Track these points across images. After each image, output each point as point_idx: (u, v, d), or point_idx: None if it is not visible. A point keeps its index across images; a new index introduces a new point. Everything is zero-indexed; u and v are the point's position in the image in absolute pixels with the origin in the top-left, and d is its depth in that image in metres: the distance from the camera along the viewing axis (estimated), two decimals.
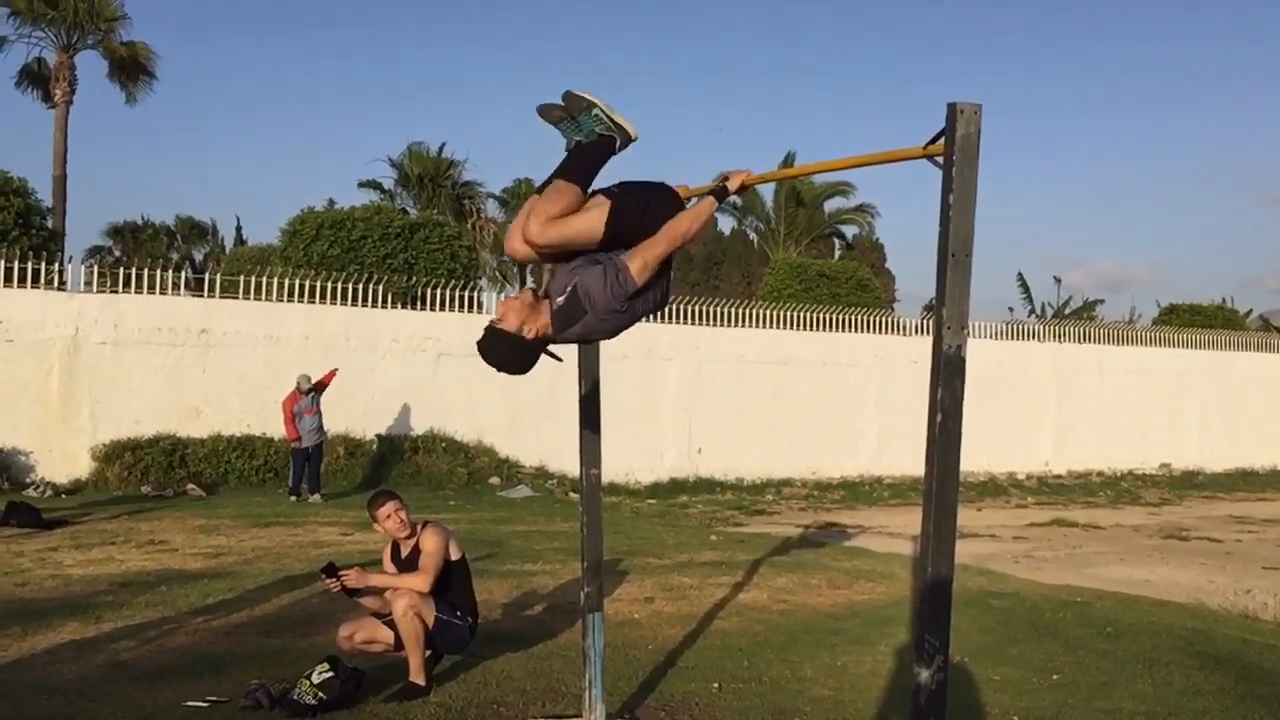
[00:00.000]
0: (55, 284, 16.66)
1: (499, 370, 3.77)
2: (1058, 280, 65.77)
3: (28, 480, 15.26)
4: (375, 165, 60.67)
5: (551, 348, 3.79)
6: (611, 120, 3.76)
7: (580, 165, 3.75)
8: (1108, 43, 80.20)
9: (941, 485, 3.01)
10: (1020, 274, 35.42)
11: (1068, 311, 35.57)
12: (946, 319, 3.01)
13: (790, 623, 7.79)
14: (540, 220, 3.58)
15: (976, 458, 20.92)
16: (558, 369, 4.04)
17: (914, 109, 77.62)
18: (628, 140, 3.79)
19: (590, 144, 3.77)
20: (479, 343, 3.75)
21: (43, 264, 16.33)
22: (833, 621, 7.88)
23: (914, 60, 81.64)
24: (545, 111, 3.82)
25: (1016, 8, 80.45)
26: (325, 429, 15.61)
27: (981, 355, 16.73)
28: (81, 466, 15.81)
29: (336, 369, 15.82)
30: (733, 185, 3.80)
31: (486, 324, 3.76)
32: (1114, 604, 8.83)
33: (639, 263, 3.59)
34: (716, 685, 6.08)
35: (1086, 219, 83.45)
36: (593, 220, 3.60)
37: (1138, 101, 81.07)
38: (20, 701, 5.44)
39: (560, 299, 3.63)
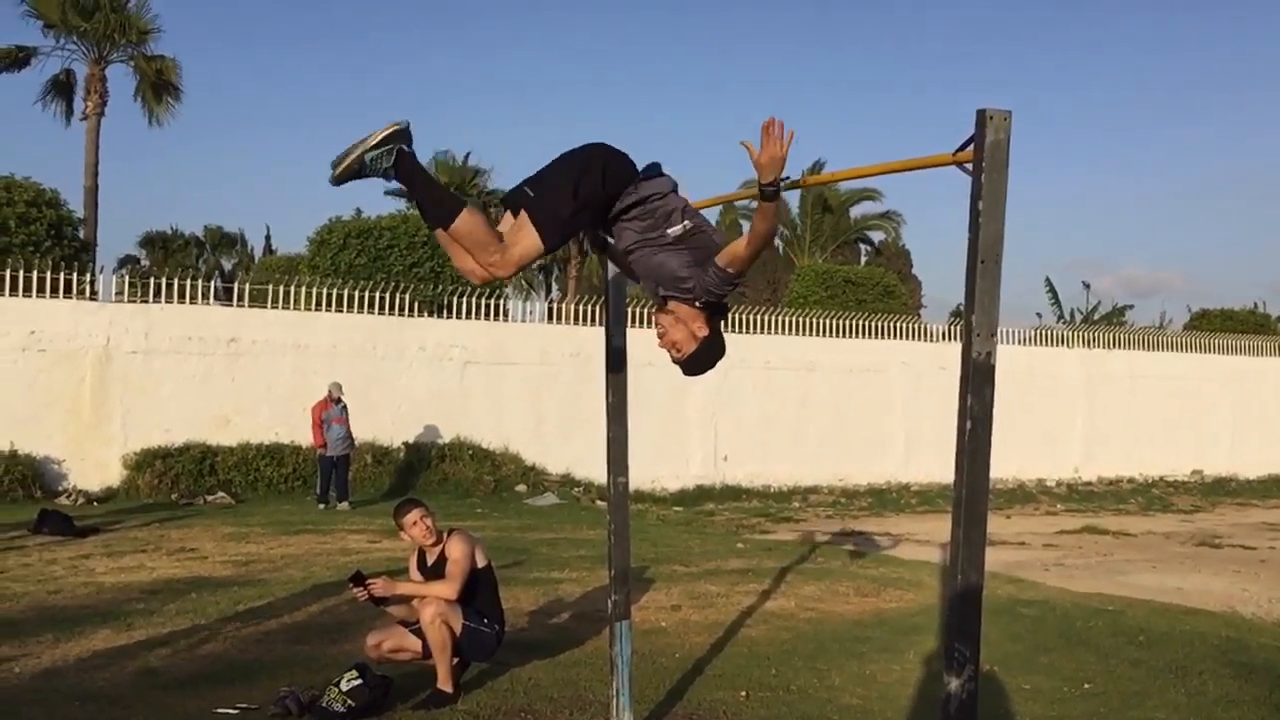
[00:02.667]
0: (87, 294, 16.87)
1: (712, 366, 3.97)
2: (1086, 285, 65.12)
3: (60, 488, 15.44)
4: None
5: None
6: (381, 144, 3.59)
7: (434, 192, 3.73)
8: (1136, 48, 79.65)
9: (971, 493, 2.99)
10: (1048, 279, 35.10)
11: (1097, 317, 35.28)
12: (976, 325, 3.00)
13: (818, 631, 7.76)
14: (498, 258, 3.67)
15: (1005, 465, 20.79)
16: (581, 376, 4.06)
17: (942, 116, 77.35)
18: (402, 135, 3.62)
19: (403, 169, 3.65)
20: (688, 374, 3.99)
21: (75, 274, 16.53)
22: (861, 629, 7.84)
23: (942, 67, 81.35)
24: (342, 180, 3.66)
25: (1045, 14, 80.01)
26: (354, 437, 15.70)
27: (1010, 361, 16.61)
28: (113, 474, 15.97)
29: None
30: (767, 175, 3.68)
31: (675, 363, 3.92)
32: (1146, 612, 8.74)
33: (729, 259, 3.68)
34: (744, 693, 6.07)
35: (1115, 224, 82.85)
36: (531, 242, 3.66)
37: (1166, 106, 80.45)
38: (53, 708, 5.49)
39: (700, 303, 3.78)
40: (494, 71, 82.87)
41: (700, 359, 3.90)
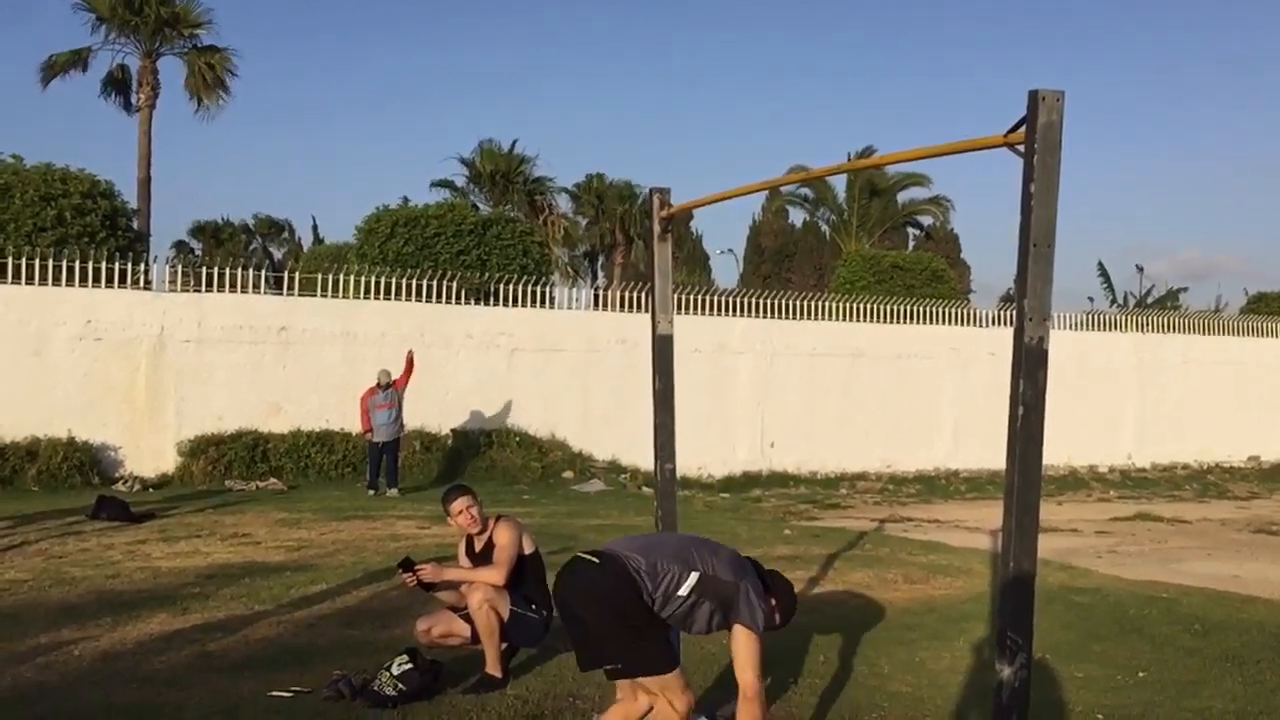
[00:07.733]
0: (141, 284, 17.12)
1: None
2: (1140, 269, 64.12)
3: (116, 475, 15.73)
4: (447, 164, 61.34)
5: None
6: None
7: None
8: (1190, 26, 78.19)
9: (1023, 479, 2.96)
10: (1101, 263, 34.50)
11: (1150, 301, 34.73)
12: (1028, 310, 2.96)
13: (867, 617, 7.71)
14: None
15: (1057, 450, 20.54)
16: (628, 363, 4.10)
17: (991, 101, 76.50)
18: None
19: None
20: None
21: (129, 265, 16.78)
22: (910, 617, 7.78)
23: (993, 48, 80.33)
24: None
25: None
26: (404, 423, 15.81)
27: (1062, 346, 16.32)
28: (167, 461, 16.24)
29: (410, 350, 15.83)
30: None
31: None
32: (1201, 600, 8.60)
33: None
34: (793, 680, 6.05)
35: (1170, 206, 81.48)
36: (665, 677, 4.38)
37: (1221, 85, 78.88)
38: (111, 690, 5.60)
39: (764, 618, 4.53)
40: (545, 60, 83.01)
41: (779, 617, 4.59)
